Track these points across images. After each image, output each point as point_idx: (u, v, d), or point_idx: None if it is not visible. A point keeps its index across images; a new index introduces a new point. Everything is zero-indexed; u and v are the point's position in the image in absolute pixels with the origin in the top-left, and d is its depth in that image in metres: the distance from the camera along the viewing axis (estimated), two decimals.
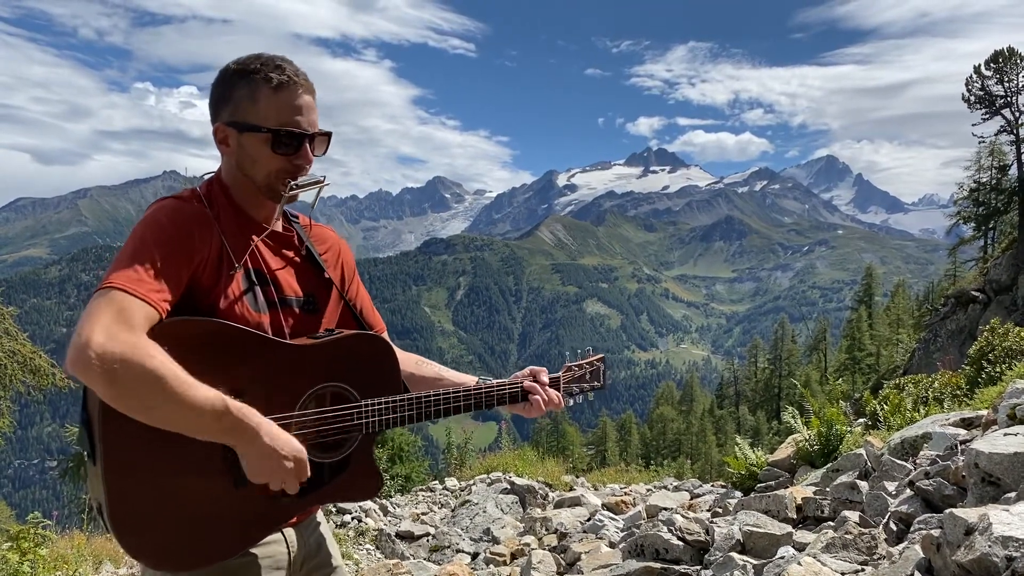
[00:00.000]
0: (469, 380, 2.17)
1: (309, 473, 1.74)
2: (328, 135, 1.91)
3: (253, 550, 1.86)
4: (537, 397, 2.11)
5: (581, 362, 2.29)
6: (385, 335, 2.18)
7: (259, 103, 1.79)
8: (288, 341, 1.84)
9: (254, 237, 1.88)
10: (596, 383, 2.31)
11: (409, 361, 2.20)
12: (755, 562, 3.85)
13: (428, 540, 7.49)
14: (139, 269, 1.62)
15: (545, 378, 2.14)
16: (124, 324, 1.52)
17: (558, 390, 2.19)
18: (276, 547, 1.92)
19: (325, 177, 1.88)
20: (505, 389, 2.10)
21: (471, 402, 2.04)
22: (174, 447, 1.65)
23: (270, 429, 1.67)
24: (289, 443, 1.69)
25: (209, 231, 1.78)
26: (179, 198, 1.82)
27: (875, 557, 3.15)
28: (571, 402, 2.28)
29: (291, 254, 1.98)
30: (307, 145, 1.84)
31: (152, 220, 1.73)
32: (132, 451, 1.64)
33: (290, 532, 1.97)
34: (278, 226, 1.97)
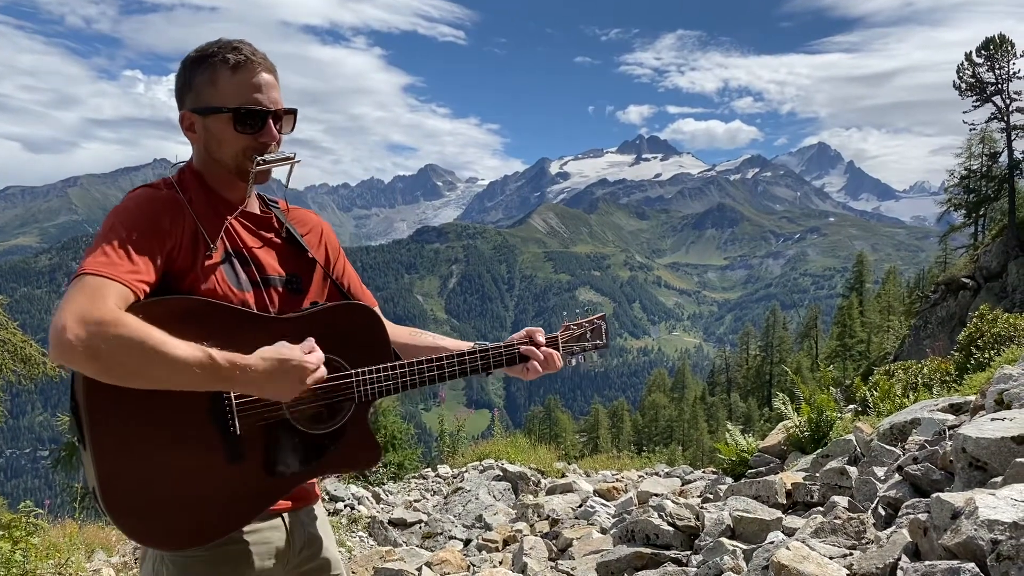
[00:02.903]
0: (465, 346, 2.13)
1: (322, 357, 1.75)
2: (293, 112, 1.92)
3: (250, 535, 1.86)
4: (533, 363, 2.07)
5: (580, 321, 2.24)
6: (376, 309, 2.18)
7: (218, 85, 1.81)
8: (272, 315, 1.84)
9: (228, 217, 1.89)
10: (598, 341, 2.24)
11: (403, 333, 2.19)
12: (745, 547, 3.88)
13: (421, 527, 7.51)
14: (109, 253, 1.64)
15: (542, 338, 2.10)
16: (97, 303, 1.55)
17: (557, 350, 2.15)
18: (274, 533, 1.93)
19: (295, 153, 1.88)
20: (501, 353, 2.06)
21: (466, 367, 2.01)
22: (164, 427, 1.66)
23: (259, 363, 1.66)
24: (280, 357, 1.69)
25: (180, 214, 1.79)
26: (150, 186, 1.84)
27: (863, 541, 3.17)
28: (573, 362, 2.19)
29: (271, 235, 1.98)
30: (270, 122, 1.85)
31: (122, 208, 1.76)
32: (120, 434, 1.65)
33: (289, 517, 1.97)
34: (255, 208, 1.98)
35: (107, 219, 1.74)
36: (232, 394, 1.74)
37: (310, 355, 1.74)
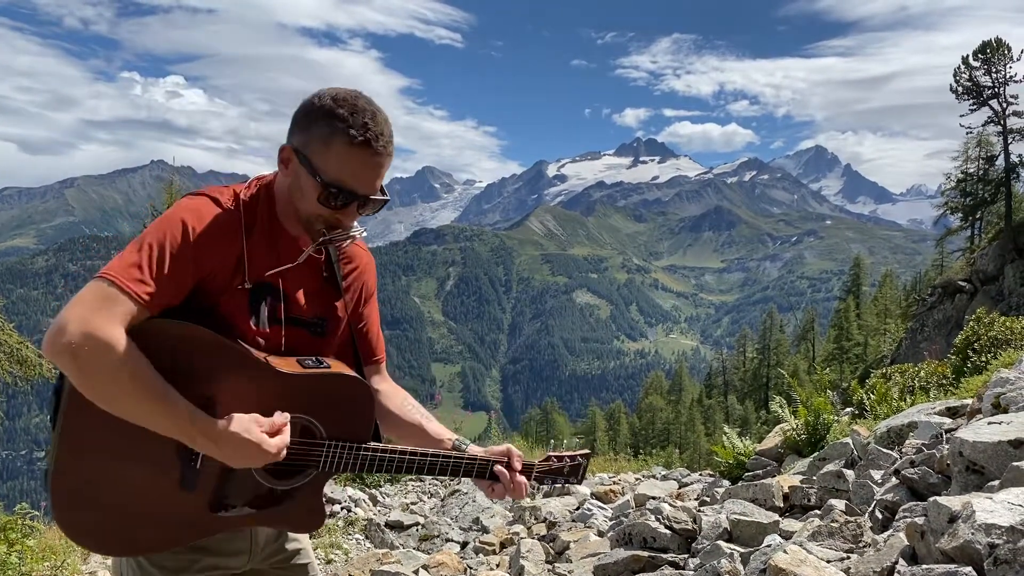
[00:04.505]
0: (446, 436, 2.10)
1: (286, 442, 1.74)
2: (384, 201, 1.87)
3: None
4: (501, 485, 2.04)
5: (563, 454, 2.21)
6: (382, 365, 2.18)
7: (330, 150, 1.74)
8: (271, 364, 1.80)
9: (283, 267, 1.87)
10: (572, 479, 2.23)
11: (395, 399, 2.15)
12: (742, 550, 3.88)
13: (417, 529, 7.50)
14: (140, 264, 1.63)
15: (518, 464, 2.06)
16: (105, 315, 1.55)
17: (529, 477, 2.12)
18: None
19: (365, 230, 1.89)
20: (475, 464, 2.04)
21: (436, 467, 2.00)
22: (132, 437, 1.66)
23: (229, 438, 1.67)
24: (246, 437, 1.68)
25: (231, 239, 1.78)
26: (214, 199, 1.81)
27: (860, 545, 3.18)
28: (541, 490, 2.23)
29: (313, 275, 1.97)
30: (355, 206, 1.82)
31: (172, 217, 1.73)
32: (90, 430, 1.67)
33: None
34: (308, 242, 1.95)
35: (155, 224, 1.71)
36: None
37: (275, 437, 1.73)
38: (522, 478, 2.06)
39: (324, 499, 1.98)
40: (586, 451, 2.25)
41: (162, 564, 1.84)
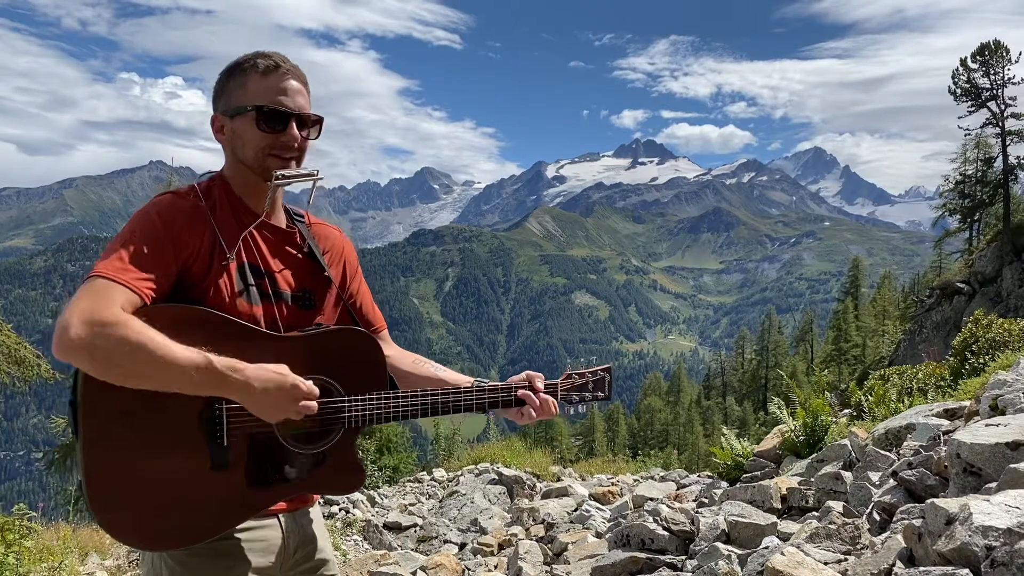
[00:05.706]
0: (465, 381, 2.12)
1: (317, 392, 1.78)
2: (319, 119, 1.97)
3: (246, 532, 1.89)
4: (529, 408, 2.05)
5: (584, 371, 2.20)
6: (384, 333, 2.23)
7: (248, 87, 1.88)
8: (273, 332, 1.86)
9: (250, 228, 1.92)
10: (600, 393, 2.21)
11: (405, 359, 2.20)
12: (740, 552, 3.89)
13: (416, 531, 7.50)
14: (124, 258, 1.69)
15: (540, 384, 2.08)
16: (105, 303, 1.60)
17: (555, 397, 2.12)
18: (270, 531, 1.95)
19: (318, 171, 1.93)
20: (498, 394, 2.05)
21: (460, 404, 2.01)
22: (154, 428, 1.69)
23: (258, 374, 1.69)
24: (281, 381, 1.71)
25: (201, 224, 1.83)
26: (175, 193, 1.88)
27: (858, 547, 3.18)
28: (571, 411, 2.16)
29: (292, 251, 2.02)
30: (293, 124, 1.90)
31: (143, 214, 1.80)
32: (111, 430, 1.69)
33: (285, 518, 2.00)
34: (281, 221, 2.01)
35: (128, 223, 1.78)
36: (224, 404, 1.76)
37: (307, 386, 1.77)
38: (548, 396, 2.08)
39: (357, 457, 1.99)
40: (607, 365, 2.24)
41: (200, 568, 1.85)
